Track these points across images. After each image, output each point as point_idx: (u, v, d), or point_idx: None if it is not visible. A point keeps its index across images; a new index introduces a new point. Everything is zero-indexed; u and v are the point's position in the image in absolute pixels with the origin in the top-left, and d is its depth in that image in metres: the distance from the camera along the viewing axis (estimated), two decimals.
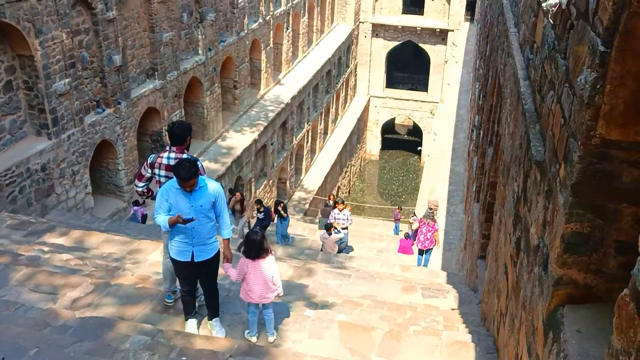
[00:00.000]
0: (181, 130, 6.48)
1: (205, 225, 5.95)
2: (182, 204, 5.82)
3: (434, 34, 41.97)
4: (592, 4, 3.26)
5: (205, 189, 5.89)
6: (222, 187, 6.21)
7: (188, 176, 5.63)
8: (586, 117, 3.02)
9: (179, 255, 6.04)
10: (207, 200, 5.89)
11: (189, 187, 5.71)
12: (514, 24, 8.17)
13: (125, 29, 18.09)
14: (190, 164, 5.70)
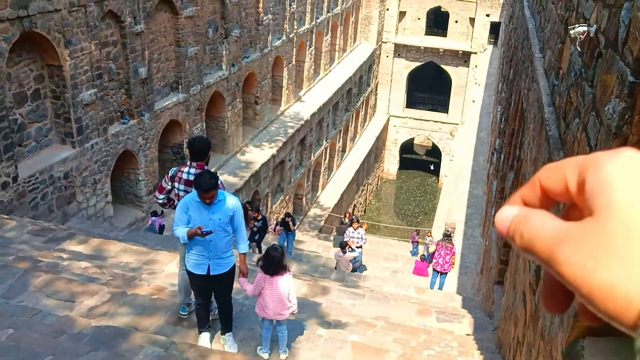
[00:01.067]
0: (202, 146, 6.56)
1: (223, 239, 5.99)
2: (201, 216, 5.87)
3: (457, 56, 41.99)
4: (622, 33, 3.25)
5: (224, 203, 5.94)
6: (240, 203, 6.24)
7: (208, 188, 5.67)
8: (613, 147, 2.99)
9: (195, 268, 6.05)
10: (226, 214, 5.93)
11: (208, 199, 5.75)
12: (539, 49, 8.15)
13: (152, 42, 18.34)
14: (210, 176, 5.78)
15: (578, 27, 4.24)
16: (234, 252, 6.28)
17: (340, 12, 35.84)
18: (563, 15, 5.99)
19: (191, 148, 6.58)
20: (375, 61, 42.52)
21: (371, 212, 42.51)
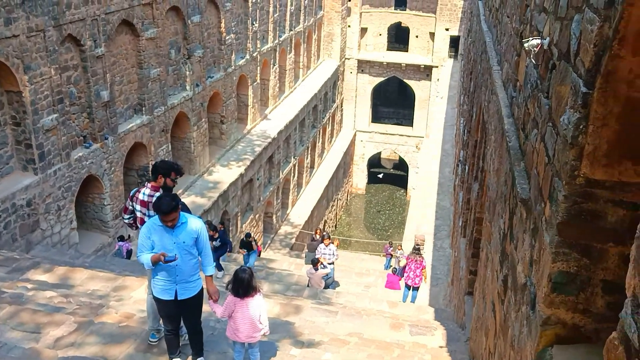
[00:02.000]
0: (155, 167, 6.49)
1: (188, 262, 5.89)
2: (164, 240, 5.76)
3: (419, 70, 42.58)
4: (574, 45, 3.33)
5: (187, 225, 5.85)
6: (204, 225, 6.16)
7: (168, 210, 5.57)
8: (570, 157, 3.05)
9: (162, 294, 5.94)
10: (190, 237, 5.84)
11: (170, 221, 5.66)
12: (497, 61, 8.31)
13: (113, 65, 18.18)
14: (170, 198, 5.69)
15: (532, 40, 4.34)
16: (201, 275, 6.20)
17: (303, 30, 36.08)
18: (518, 28, 6.13)
19: (152, 168, 6.57)
20: (340, 77, 42.84)
21: (342, 227, 42.56)
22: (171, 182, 6.48)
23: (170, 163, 6.69)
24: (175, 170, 6.53)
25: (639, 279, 1.94)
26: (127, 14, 18.17)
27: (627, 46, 2.78)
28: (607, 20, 2.85)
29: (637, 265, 1.96)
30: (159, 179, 6.42)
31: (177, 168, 6.59)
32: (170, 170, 6.48)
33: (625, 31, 2.74)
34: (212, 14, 24.19)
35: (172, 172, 6.48)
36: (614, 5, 2.79)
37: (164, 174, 6.42)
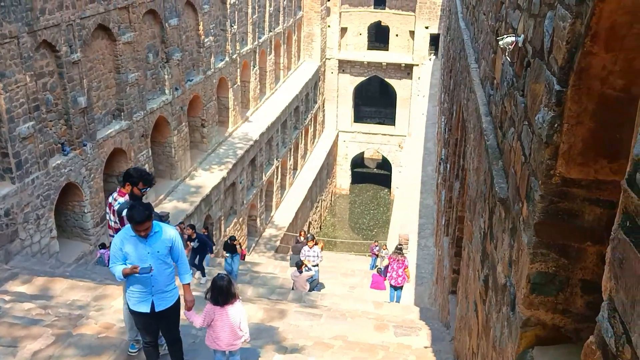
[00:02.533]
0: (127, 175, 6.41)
1: (164, 272, 5.78)
2: (138, 251, 5.62)
3: (400, 69, 42.63)
4: (547, 43, 3.29)
5: (161, 234, 5.73)
6: (178, 233, 6.05)
7: (141, 219, 5.44)
8: (545, 156, 3.01)
9: (138, 306, 5.81)
10: (164, 246, 5.72)
11: (143, 231, 5.53)
12: (475, 59, 8.30)
13: (90, 70, 17.95)
14: (143, 207, 5.58)
15: (507, 38, 4.30)
16: (177, 283, 6.09)
17: (282, 31, 35.96)
18: (494, 25, 6.10)
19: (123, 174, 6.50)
20: (321, 78, 42.78)
21: (327, 228, 42.50)
22: (138, 192, 6.36)
23: (142, 172, 6.55)
24: (144, 180, 6.40)
25: (615, 282, 1.89)
26: (102, 19, 17.96)
27: (599, 42, 2.74)
28: (578, 17, 2.81)
29: (613, 268, 1.91)
30: (127, 186, 6.31)
31: (147, 178, 6.47)
32: (139, 179, 6.36)
33: (597, 27, 2.70)
34: (189, 17, 24.02)
35: (140, 182, 6.35)
36: (585, 2, 2.75)
37: (132, 183, 6.32)
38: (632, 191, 1.81)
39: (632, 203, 1.80)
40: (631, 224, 1.80)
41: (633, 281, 1.72)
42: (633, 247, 1.75)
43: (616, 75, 2.80)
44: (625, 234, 1.83)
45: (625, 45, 2.72)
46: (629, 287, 1.76)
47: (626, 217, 1.84)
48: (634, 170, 1.82)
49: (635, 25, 2.66)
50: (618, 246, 1.87)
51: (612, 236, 1.92)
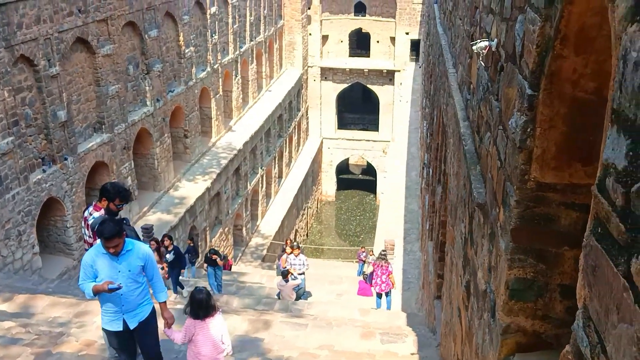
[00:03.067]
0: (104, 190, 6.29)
1: (135, 291, 5.62)
2: (108, 269, 5.46)
3: (381, 75, 42.75)
4: (518, 47, 3.27)
5: (133, 252, 5.57)
6: (150, 250, 5.94)
7: (111, 235, 5.28)
8: (519, 161, 2.99)
9: (110, 325, 5.69)
10: (136, 265, 5.57)
11: (112, 247, 5.37)
12: (453, 64, 8.31)
13: (69, 83, 17.80)
14: (114, 223, 5.43)
15: (480, 42, 4.29)
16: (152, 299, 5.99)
17: (264, 40, 35.95)
18: (469, 30, 6.11)
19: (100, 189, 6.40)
20: (303, 85, 42.80)
21: (313, 235, 42.42)
22: (114, 207, 6.25)
23: (118, 188, 6.42)
24: (121, 196, 6.29)
25: (588, 290, 1.86)
26: (81, 32, 17.82)
27: (569, 45, 2.72)
28: (548, 20, 2.80)
29: (586, 275, 1.87)
30: (103, 201, 6.21)
31: (124, 195, 6.34)
32: (116, 196, 6.24)
33: (566, 30, 2.69)
34: (169, 28, 23.92)
35: (117, 198, 6.24)
36: (554, 4, 2.73)
37: (108, 198, 6.21)
38: (603, 197, 1.78)
39: (602, 209, 1.77)
40: (603, 230, 1.77)
41: (606, 289, 1.68)
42: (605, 254, 1.71)
43: (587, 78, 2.79)
44: (597, 240, 1.79)
45: (595, 48, 2.71)
46: (602, 295, 1.72)
47: (597, 223, 1.81)
48: (603, 175, 1.79)
49: (605, 26, 2.64)
50: (590, 253, 1.84)
51: (584, 243, 1.89)
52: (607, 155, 1.77)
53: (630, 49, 1.62)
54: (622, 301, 1.55)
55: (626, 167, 1.60)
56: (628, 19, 1.66)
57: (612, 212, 1.67)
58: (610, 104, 1.78)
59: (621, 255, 1.59)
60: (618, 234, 1.62)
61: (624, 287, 1.54)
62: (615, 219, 1.65)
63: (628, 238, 1.56)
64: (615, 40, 1.78)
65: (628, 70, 1.62)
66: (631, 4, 1.65)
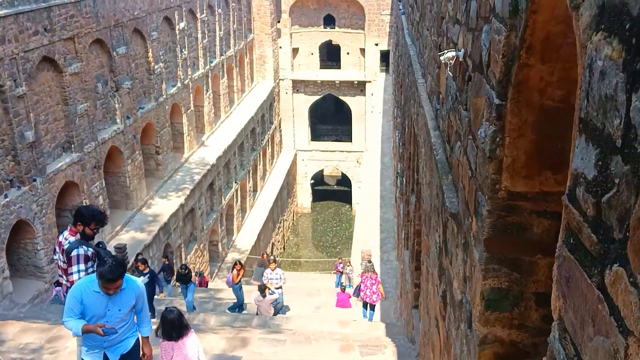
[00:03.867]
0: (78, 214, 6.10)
1: (120, 328, 5.34)
2: (97, 307, 5.15)
3: (353, 86, 42.98)
4: (485, 56, 3.28)
5: (126, 291, 5.28)
6: (142, 285, 5.66)
7: (114, 277, 4.99)
8: (490, 171, 2.98)
9: (90, 356, 5.40)
10: (127, 305, 5.30)
11: (113, 290, 5.09)
12: (422, 74, 8.35)
13: (36, 103, 17.51)
14: (117, 263, 5.14)
15: (447, 53, 4.30)
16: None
17: (234, 54, 35.90)
18: (436, 40, 6.14)
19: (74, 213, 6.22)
20: (275, 98, 42.80)
21: (290, 248, 42.25)
22: (90, 232, 6.07)
23: (93, 211, 6.20)
24: (96, 220, 6.10)
25: (563, 301, 1.83)
26: (47, 51, 17.57)
27: (535, 54, 2.73)
28: (513, 29, 2.80)
29: (560, 286, 1.85)
30: (78, 225, 6.04)
31: (99, 218, 6.15)
32: (91, 220, 6.04)
33: (531, 39, 2.69)
34: (138, 44, 23.73)
35: (92, 222, 6.04)
36: (519, 14, 2.73)
37: (83, 222, 6.02)
38: (574, 207, 1.76)
39: (574, 219, 1.75)
40: (575, 241, 1.75)
41: (581, 301, 1.66)
42: (578, 265, 1.69)
43: (554, 86, 2.79)
44: (570, 251, 1.77)
45: (561, 56, 2.71)
46: (577, 307, 1.70)
47: (569, 233, 1.79)
48: (573, 185, 1.78)
49: (570, 34, 2.65)
50: (564, 264, 1.82)
51: (557, 253, 1.87)
52: (576, 164, 1.76)
53: (595, 57, 1.61)
54: (597, 313, 1.53)
55: (596, 176, 1.59)
56: (592, 28, 1.66)
57: (584, 223, 1.65)
58: (577, 113, 1.77)
59: (594, 266, 1.57)
60: (590, 244, 1.60)
61: (599, 299, 1.52)
62: (587, 229, 1.63)
63: (600, 249, 1.54)
64: (581, 49, 1.78)
65: (594, 79, 1.61)
66: (595, 12, 1.64)
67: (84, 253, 5.95)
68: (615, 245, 1.45)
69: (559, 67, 2.74)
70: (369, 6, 40.59)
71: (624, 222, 1.40)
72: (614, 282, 1.43)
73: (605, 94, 1.53)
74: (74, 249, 5.87)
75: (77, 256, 5.86)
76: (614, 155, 1.47)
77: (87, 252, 5.99)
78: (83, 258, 5.96)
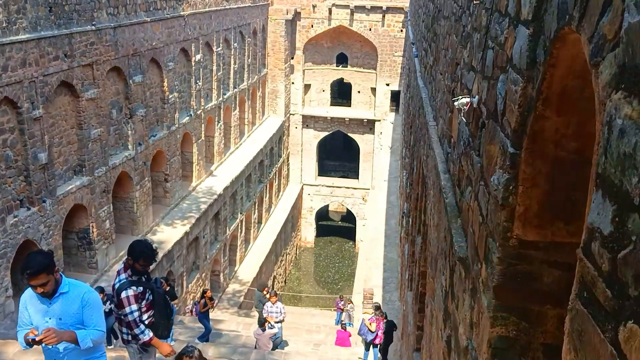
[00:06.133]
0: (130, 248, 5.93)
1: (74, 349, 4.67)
2: (37, 314, 4.56)
3: (362, 124, 43.28)
4: (500, 105, 3.33)
5: (68, 296, 4.62)
6: (94, 292, 5.01)
7: (33, 270, 4.31)
8: (502, 218, 3.00)
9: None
10: (70, 313, 4.61)
11: (39, 287, 4.39)
12: (433, 117, 8.43)
13: (51, 126, 17.71)
14: (43, 256, 4.54)
15: (461, 99, 4.36)
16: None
17: (247, 87, 36.33)
18: (450, 85, 6.22)
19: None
20: (285, 132, 43.11)
21: (292, 282, 41.99)
22: (139, 267, 5.89)
23: (143, 248, 5.89)
24: (144, 257, 5.85)
25: (574, 354, 1.84)
26: (66, 75, 17.85)
27: (551, 107, 2.78)
28: (530, 81, 2.86)
29: (572, 340, 1.86)
30: (129, 260, 5.91)
31: (148, 255, 5.89)
32: (139, 256, 5.82)
33: (548, 92, 2.74)
34: (154, 74, 24.07)
35: (141, 259, 5.83)
36: (537, 66, 2.79)
37: (133, 258, 5.87)
38: (588, 261, 1.78)
39: (588, 273, 1.77)
40: (588, 295, 1.76)
41: (593, 355, 1.67)
42: (591, 319, 1.70)
43: (569, 138, 2.83)
44: (583, 305, 1.79)
45: (577, 109, 2.76)
46: None
47: (583, 287, 1.81)
48: (589, 239, 1.80)
49: (587, 89, 2.71)
50: (576, 317, 1.83)
51: (570, 306, 1.89)
52: (592, 219, 1.78)
53: (615, 115, 1.65)
54: None
55: (612, 232, 1.61)
56: (612, 86, 1.70)
57: (598, 277, 1.67)
58: (595, 169, 1.80)
59: (608, 322, 1.58)
60: (604, 299, 1.62)
61: (612, 355, 1.53)
62: (601, 284, 1.65)
63: (615, 305, 1.55)
64: (600, 106, 1.82)
65: (613, 137, 1.65)
66: (615, 71, 1.69)
67: (133, 293, 5.80)
68: (630, 302, 1.47)
69: (575, 121, 2.79)
70: (381, 47, 41.13)
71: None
72: (628, 339, 1.44)
73: (624, 152, 1.56)
74: (123, 290, 5.73)
75: (128, 298, 5.70)
76: (631, 212, 1.50)
77: (137, 291, 5.83)
78: (133, 298, 5.79)
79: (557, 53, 2.54)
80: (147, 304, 5.95)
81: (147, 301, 5.93)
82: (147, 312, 5.97)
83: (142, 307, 5.90)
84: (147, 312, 5.96)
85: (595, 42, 1.88)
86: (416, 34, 20.34)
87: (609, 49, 1.76)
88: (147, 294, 5.94)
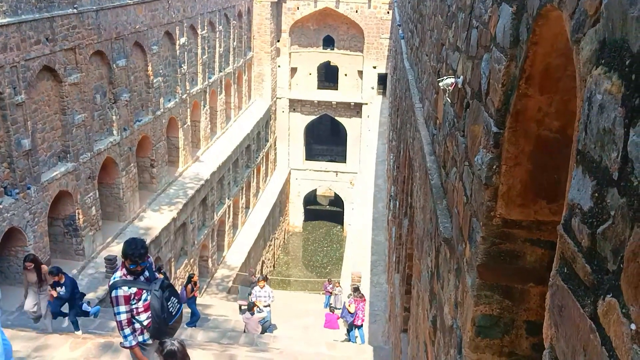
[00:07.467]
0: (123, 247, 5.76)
1: None
2: None
3: (349, 108, 43.19)
4: (484, 85, 3.32)
5: None
6: None
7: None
8: (485, 198, 3.01)
9: None
10: None
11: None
12: (419, 99, 8.43)
13: (34, 112, 17.51)
14: None
15: (446, 79, 4.36)
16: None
17: (233, 71, 36.09)
18: (435, 66, 6.21)
19: None
20: (272, 117, 42.95)
21: (280, 267, 42.11)
22: (127, 266, 5.75)
23: (128, 248, 5.73)
24: (129, 258, 5.68)
25: (555, 330, 1.85)
26: (48, 60, 17.62)
27: (534, 85, 2.77)
28: (513, 60, 2.85)
29: (553, 315, 1.87)
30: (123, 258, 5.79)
31: (130, 254, 5.68)
32: (125, 257, 5.71)
33: (531, 70, 2.74)
34: (138, 58, 23.83)
35: (128, 259, 5.69)
36: (520, 45, 2.78)
37: (123, 257, 5.76)
38: (569, 237, 1.79)
39: (568, 249, 1.77)
40: (569, 271, 1.77)
41: (573, 330, 1.68)
42: (571, 294, 1.71)
43: (552, 117, 2.83)
44: (564, 280, 1.80)
45: (560, 88, 2.76)
46: (569, 336, 1.72)
47: (563, 263, 1.82)
48: (569, 215, 1.81)
49: (570, 67, 2.70)
50: (557, 293, 1.84)
51: (551, 282, 1.90)
52: (572, 195, 1.78)
53: (595, 91, 1.65)
54: (588, 343, 1.55)
55: (592, 208, 1.62)
56: (593, 62, 1.70)
57: (578, 253, 1.68)
58: (575, 145, 1.80)
59: (587, 296, 1.59)
60: (584, 275, 1.63)
61: (591, 329, 1.54)
62: (581, 259, 1.66)
63: (594, 279, 1.56)
64: (580, 82, 1.82)
65: (593, 113, 1.65)
66: (596, 47, 1.68)
67: (123, 294, 5.68)
68: (609, 276, 1.48)
69: (557, 99, 2.79)
70: (368, 29, 40.95)
71: (619, 253, 1.43)
72: (607, 313, 1.45)
73: (604, 127, 1.56)
74: (114, 289, 5.64)
75: (117, 297, 5.62)
76: (610, 187, 1.51)
77: (127, 293, 5.69)
78: (123, 299, 5.68)
79: (539, 31, 2.53)
80: (145, 304, 5.84)
81: (144, 302, 5.82)
82: (145, 312, 5.85)
83: (140, 308, 5.79)
84: (144, 312, 5.85)
85: (577, 18, 1.87)
86: (402, 16, 20.27)
87: (589, 24, 1.75)
88: (145, 294, 5.83)
